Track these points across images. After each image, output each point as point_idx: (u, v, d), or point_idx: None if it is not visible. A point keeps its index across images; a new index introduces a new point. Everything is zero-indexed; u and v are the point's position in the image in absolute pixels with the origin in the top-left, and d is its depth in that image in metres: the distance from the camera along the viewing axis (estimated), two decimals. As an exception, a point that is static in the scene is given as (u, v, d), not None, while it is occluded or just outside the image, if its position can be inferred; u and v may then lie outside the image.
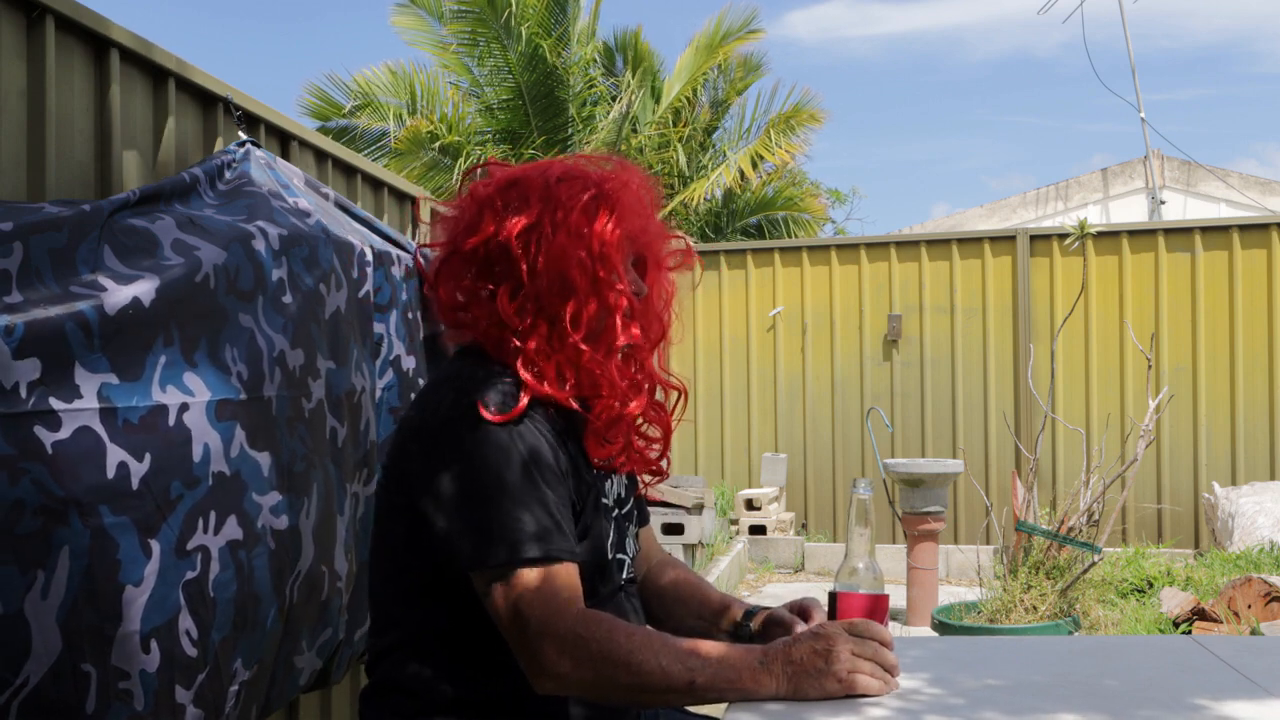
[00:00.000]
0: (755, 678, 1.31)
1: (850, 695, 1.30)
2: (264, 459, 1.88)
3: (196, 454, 1.71)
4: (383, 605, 1.53)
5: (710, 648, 1.34)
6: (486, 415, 1.38)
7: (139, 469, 1.59)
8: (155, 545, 1.62)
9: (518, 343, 1.46)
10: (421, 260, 1.59)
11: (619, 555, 1.56)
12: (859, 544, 1.49)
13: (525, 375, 1.43)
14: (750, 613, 1.65)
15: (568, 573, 1.37)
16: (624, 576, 1.58)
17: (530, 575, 1.34)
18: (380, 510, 1.52)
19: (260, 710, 1.98)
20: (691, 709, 1.76)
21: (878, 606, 1.46)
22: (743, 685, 1.31)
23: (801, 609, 1.60)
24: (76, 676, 1.51)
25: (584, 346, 1.45)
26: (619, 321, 1.48)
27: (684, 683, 1.31)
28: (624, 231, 1.49)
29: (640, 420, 1.56)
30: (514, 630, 1.34)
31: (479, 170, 1.61)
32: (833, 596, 1.48)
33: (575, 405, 1.46)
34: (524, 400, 1.41)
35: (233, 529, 1.78)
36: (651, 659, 1.31)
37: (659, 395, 1.60)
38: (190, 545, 1.68)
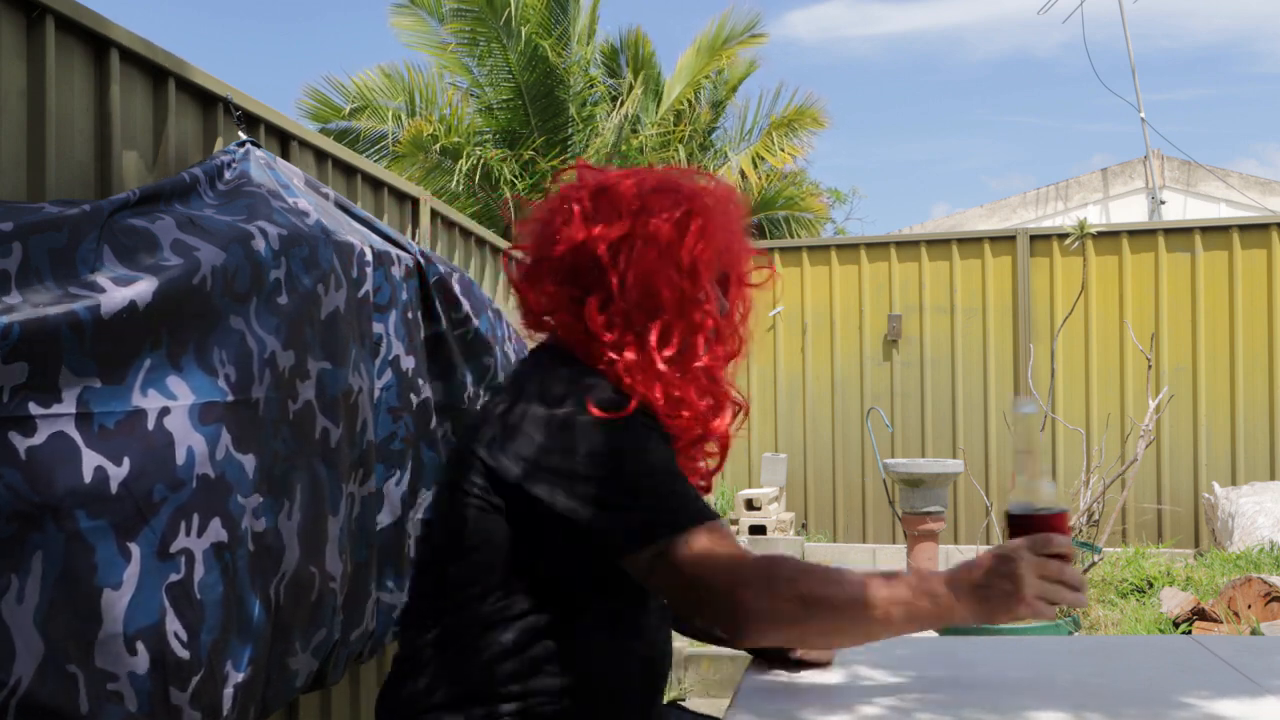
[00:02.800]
0: (947, 605, 1.30)
1: (1039, 616, 1.29)
2: (249, 461, 1.87)
3: (180, 457, 1.71)
4: (440, 605, 1.47)
5: (898, 577, 1.33)
6: (608, 412, 1.38)
7: (118, 473, 1.58)
8: (135, 548, 1.61)
9: (612, 355, 1.45)
10: (510, 262, 1.58)
11: None
12: (1028, 463, 1.42)
13: (626, 382, 1.43)
14: None
15: (728, 528, 1.38)
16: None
17: (706, 536, 1.33)
18: (458, 511, 1.45)
19: (258, 712, 1.97)
20: (694, 709, 1.76)
21: (1056, 523, 1.38)
22: (936, 612, 1.31)
23: None
24: (64, 678, 1.51)
25: (665, 367, 1.45)
26: (702, 342, 1.48)
27: (881, 612, 1.30)
28: (713, 249, 1.49)
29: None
30: (703, 592, 1.31)
31: (568, 173, 1.58)
32: (1010, 518, 1.41)
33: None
34: (634, 402, 1.41)
35: (216, 531, 1.78)
36: (844, 589, 1.31)
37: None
38: (174, 548, 1.68)
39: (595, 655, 1.43)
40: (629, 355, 1.44)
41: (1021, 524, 1.37)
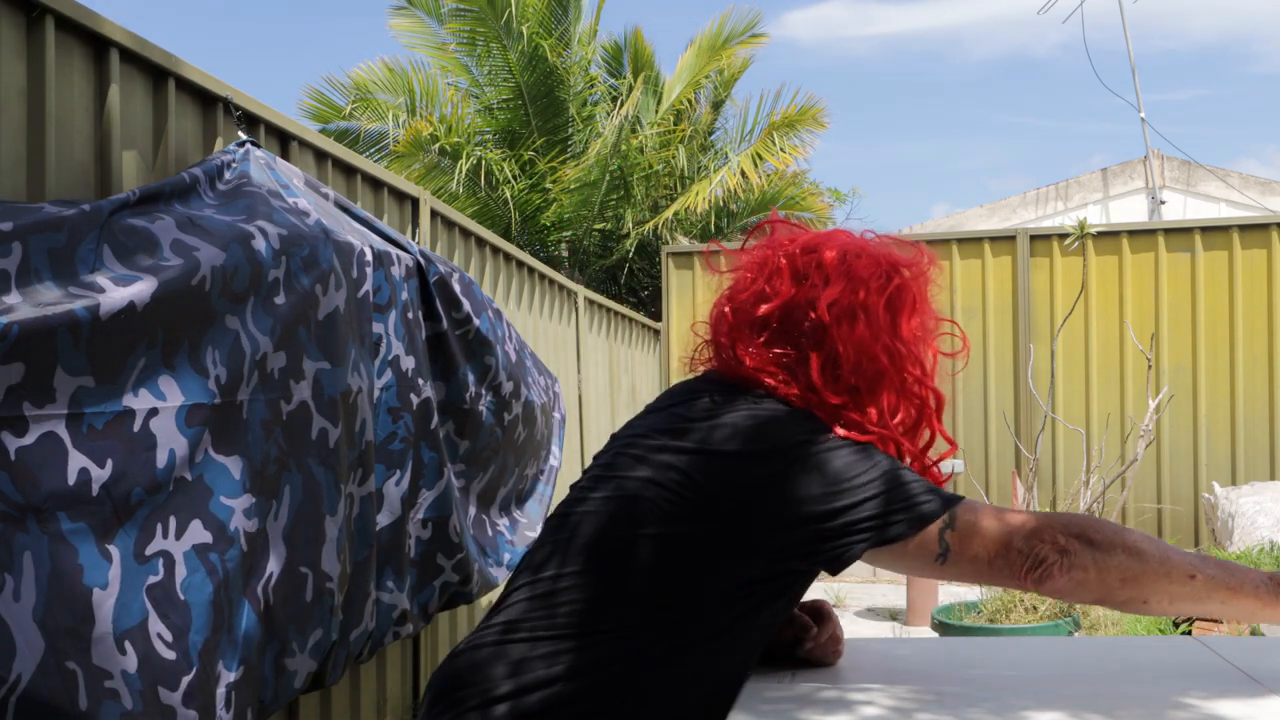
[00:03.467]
0: (1259, 594, 1.32)
1: None
2: (232, 462, 1.87)
3: (161, 460, 1.70)
4: (592, 639, 1.38)
5: (1211, 558, 1.35)
6: (847, 433, 1.41)
7: (100, 475, 1.59)
8: (114, 550, 1.61)
9: (855, 416, 1.46)
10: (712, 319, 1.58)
11: None
12: None
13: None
14: None
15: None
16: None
17: (972, 505, 1.36)
18: (633, 540, 1.38)
19: (255, 712, 1.97)
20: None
21: None
22: (1245, 597, 1.32)
23: (814, 609, 1.60)
24: (64, 674, 1.51)
25: (905, 441, 1.48)
26: (936, 423, 1.53)
27: (1184, 574, 1.31)
28: (928, 324, 1.54)
29: None
30: (1002, 551, 1.33)
31: (763, 228, 1.60)
32: None
33: None
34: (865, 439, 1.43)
35: (198, 533, 1.78)
36: (1148, 543, 1.32)
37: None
38: (149, 550, 1.68)
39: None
40: (847, 403, 1.46)
41: None
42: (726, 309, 1.54)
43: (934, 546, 1.36)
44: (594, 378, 6.43)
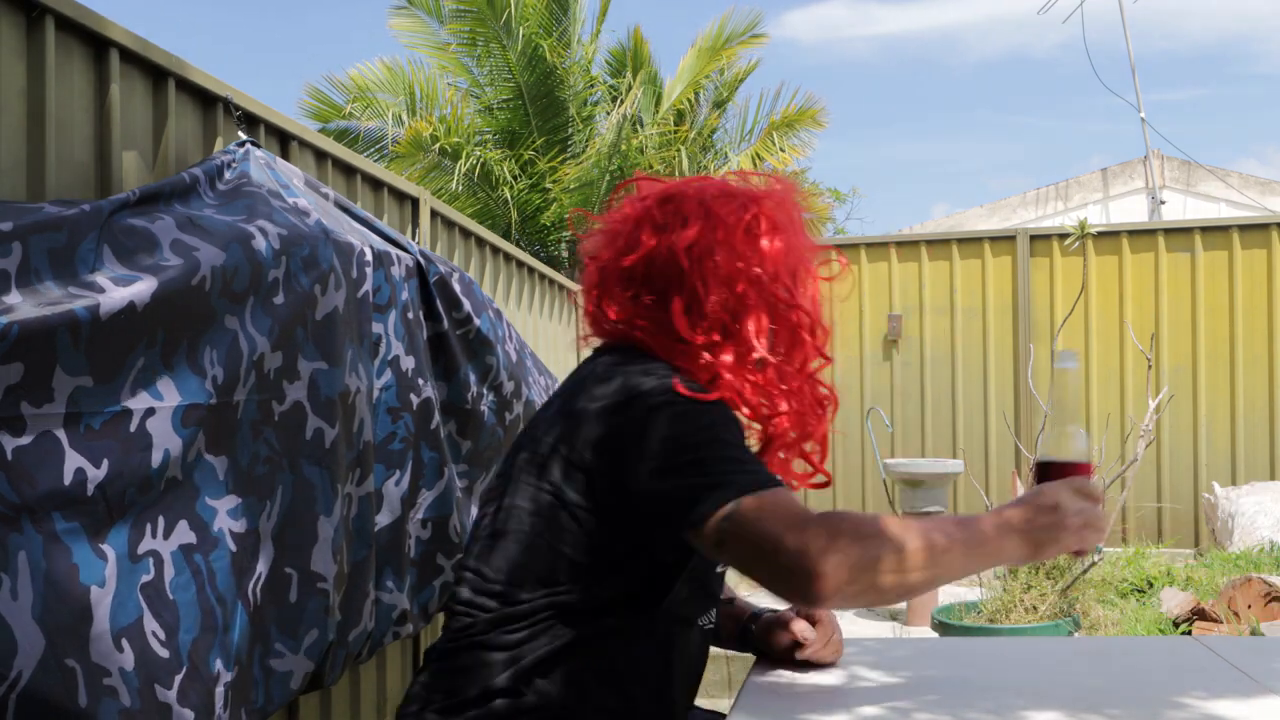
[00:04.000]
0: (999, 543, 1.31)
1: (1080, 552, 1.34)
2: (220, 463, 1.87)
3: (155, 460, 1.70)
4: (510, 613, 1.45)
5: (945, 518, 1.34)
6: (688, 391, 1.37)
7: (95, 475, 1.58)
8: (109, 549, 1.61)
9: (706, 356, 1.45)
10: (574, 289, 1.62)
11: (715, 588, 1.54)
12: (1060, 415, 1.49)
13: (723, 381, 1.43)
14: (757, 615, 1.65)
15: (793, 494, 1.34)
16: (712, 619, 1.57)
17: (766, 497, 1.28)
18: (530, 514, 1.44)
19: (253, 713, 1.97)
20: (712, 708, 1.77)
21: (1081, 472, 1.44)
22: (990, 548, 1.31)
23: (809, 613, 1.61)
24: (64, 672, 1.51)
25: (761, 367, 1.46)
26: (795, 339, 1.50)
27: (942, 545, 1.27)
28: (785, 246, 1.51)
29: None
30: (768, 552, 1.26)
31: (628, 186, 1.61)
32: (1038, 466, 1.46)
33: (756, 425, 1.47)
34: (715, 395, 1.41)
35: (184, 533, 1.77)
36: (900, 527, 1.28)
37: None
38: (141, 550, 1.68)
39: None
40: (725, 356, 1.45)
41: (1049, 473, 1.43)
42: (593, 268, 1.57)
43: (712, 536, 1.29)
44: (594, 378, 6.40)
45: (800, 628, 1.57)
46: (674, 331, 1.46)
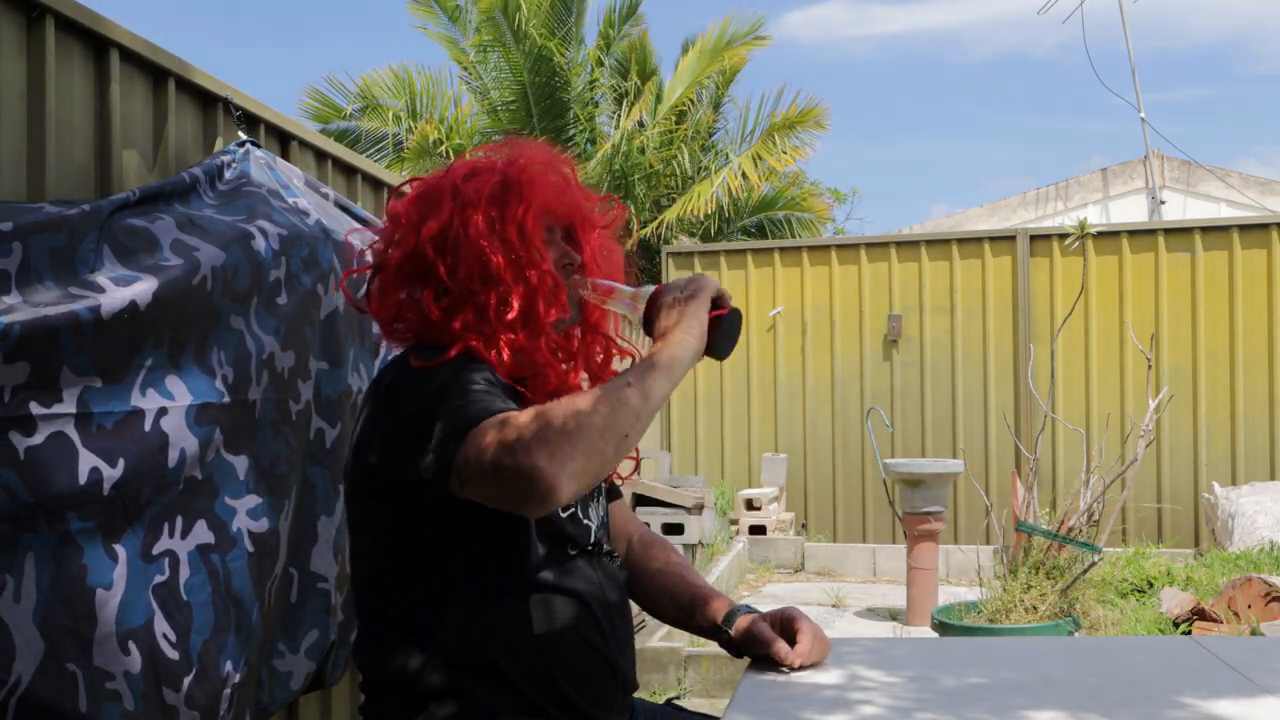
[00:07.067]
0: (668, 349, 1.40)
1: (719, 298, 1.46)
2: (240, 462, 1.87)
3: (172, 459, 1.70)
4: (364, 604, 1.57)
5: (623, 371, 1.42)
6: (419, 363, 1.45)
7: (111, 475, 1.58)
8: (121, 550, 1.61)
9: (455, 327, 1.50)
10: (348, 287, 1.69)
11: (579, 516, 1.56)
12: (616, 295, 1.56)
13: (472, 347, 1.48)
14: (732, 615, 1.62)
15: (512, 415, 1.34)
16: (592, 540, 1.57)
17: (475, 435, 1.32)
18: (353, 512, 1.56)
19: (254, 713, 1.97)
20: (686, 707, 1.76)
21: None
22: (665, 357, 1.39)
23: (784, 619, 1.59)
24: (64, 676, 1.51)
25: (508, 328, 1.49)
26: (542, 301, 1.51)
27: (637, 395, 1.34)
28: (538, 209, 1.53)
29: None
30: (499, 484, 1.30)
31: (401, 188, 1.67)
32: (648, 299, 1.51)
33: (513, 384, 1.49)
34: (453, 353, 1.46)
35: (202, 533, 1.77)
36: (590, 400, 1.32)
37: (617, 362, 1.65)
38: (156, 550, 1.68)
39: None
40: (469, 317, 1.49)
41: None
42: (370, 276, 1.61)
43: (459, 489, 1.35)
44: (594, 378, 6.41)
45: (781, 651, 1.54)
46: (429, 320, 1.52)
